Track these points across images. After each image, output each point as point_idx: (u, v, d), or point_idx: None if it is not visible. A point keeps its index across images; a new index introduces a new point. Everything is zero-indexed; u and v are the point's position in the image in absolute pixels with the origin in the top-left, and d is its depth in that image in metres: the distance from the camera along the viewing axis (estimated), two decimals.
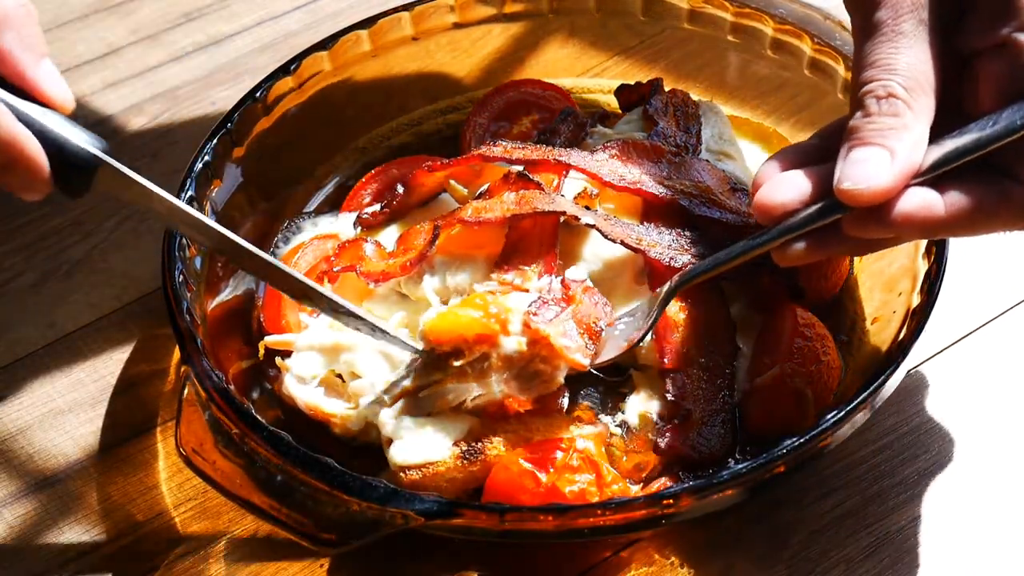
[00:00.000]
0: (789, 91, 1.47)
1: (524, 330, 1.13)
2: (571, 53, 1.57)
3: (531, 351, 1.13)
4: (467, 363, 1.12)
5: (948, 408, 1.26)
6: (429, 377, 1.14)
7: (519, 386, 1.14)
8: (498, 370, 1.13)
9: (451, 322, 1.13)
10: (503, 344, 1.12)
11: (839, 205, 1.01)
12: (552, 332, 1.13)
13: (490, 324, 1.12)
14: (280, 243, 1.39)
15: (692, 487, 1.04)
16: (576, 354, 1.14)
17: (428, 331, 1.13)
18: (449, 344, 1.12)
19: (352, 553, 1.16)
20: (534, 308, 1.14)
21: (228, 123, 1.34)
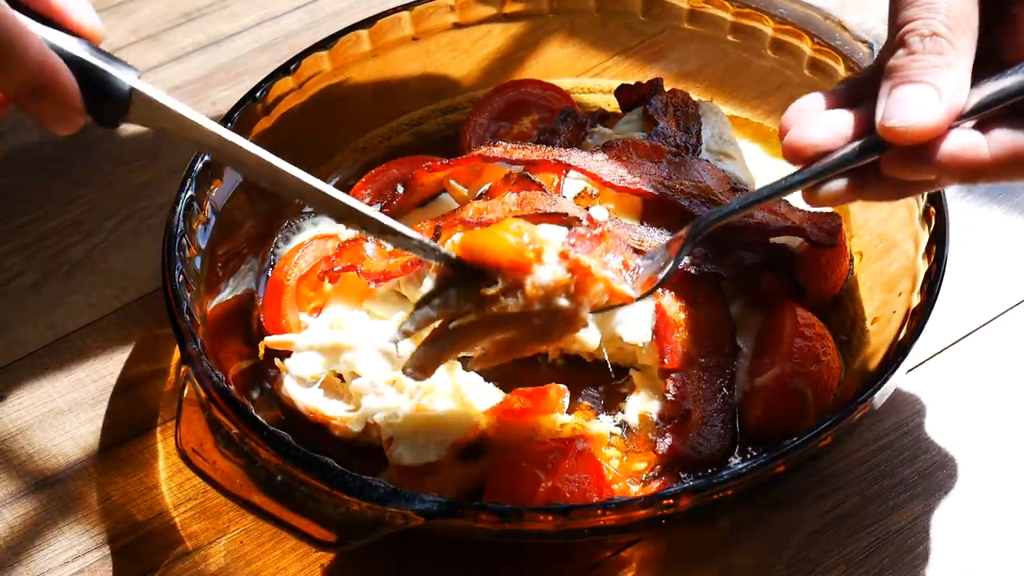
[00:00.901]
0: (789, 91, 1.46)
1: (561, 260, 1.07)
2: (571, 53, 1.58)
3: (567, 282, 1.06)
4: (499, 291, 1.06)
5: (948, 408, 1.26)
6: (460, 307, 1.07)
7: (541, 326, 1.08)
8: (528, 302, 1.06)
9: (487, 241, 1.07)
10: (538, 273, 1.06)
11: (878, 145, 0.99)
12: (593, 263, 1.08)
13: (525, 252, 1.06)
14: (280, 243, 1.39)
15: (692, 487, 1.04)
16: (623, 285, 1.09)
17: (464, 243, 1.07)
18: (481, 262, 1.06)
19: (352, 553, 1.16)
20: (572, 240, 1.09)
21: (228, 123, 1.34)
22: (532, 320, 1.07)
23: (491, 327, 1.08)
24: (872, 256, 1.33)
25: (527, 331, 1.08)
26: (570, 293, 1.07)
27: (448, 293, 1.07)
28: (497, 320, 1.07)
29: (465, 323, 1.08)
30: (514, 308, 1.06)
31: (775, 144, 1.46)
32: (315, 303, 1.31)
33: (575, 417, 1.21)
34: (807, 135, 1.02)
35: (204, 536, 1.19)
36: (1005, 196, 1.45)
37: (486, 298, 1.06)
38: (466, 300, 1.07)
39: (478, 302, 1.06)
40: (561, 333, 1.09)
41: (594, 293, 1.08)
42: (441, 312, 1.08)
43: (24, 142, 1.61)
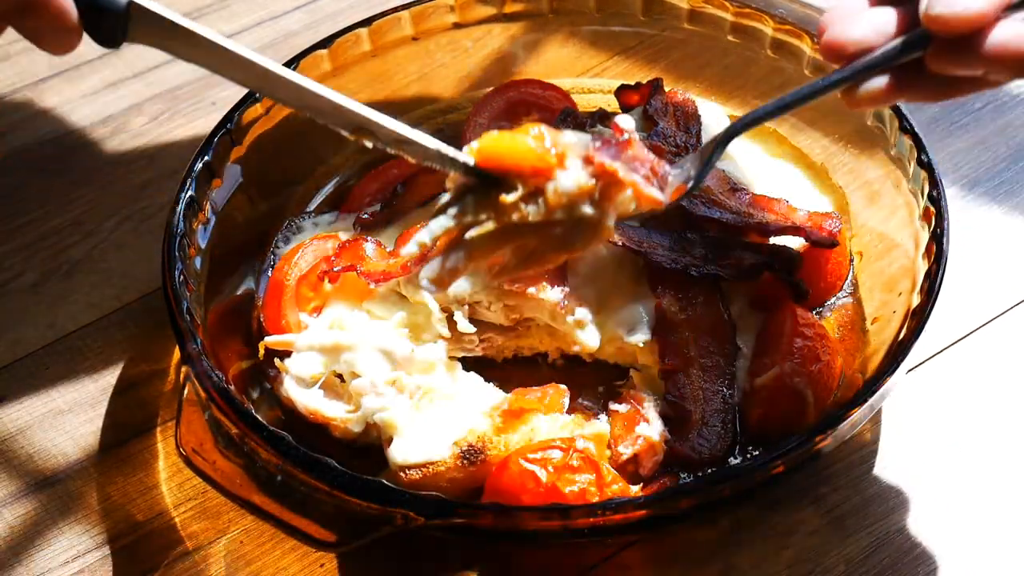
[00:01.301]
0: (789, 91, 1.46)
1: (586, 165, 1.01)
2: (571, 53, 1.57)
3: (591, 188, 1.00)
4: (519, 198, 1.00)
5: (948, 408, 1.26)
6: (477, 215, 1.01)
7: (563, 235, 1.02)
8: (549, 210, 1.00)
9: (508, 145, 1.01)
10: (560, 179, 1.00)
11: (922, 39, 0.95)
12: (620, 167, 1.02)
13: (547, 156, 1.00)
14: (280, 243, 1.39)
15: (692, 487, 1.04)
16: (652, 189, 1.03)
17: (482, 148, 1.01)
18: (500, 168, 1.00)
19: (352, 553, 1.16)
20: (597, 144, 1.02)
21: (228, 123, 1.34)
22: (554, 229, 1.02)
23: (510, 236, 1.02)
24: (872, 256, 1.33)
25: (548, 240, 1.03)
26: (595, 200, 1.01)
27: (465, 200, 1.02)
28: (517, 229, 1.02)
29: (483, 232, 1.02)
30: (535, 216, 1.00)
31: (775, 144, 1.46)
32: (315, 303, 1.31)
33: (575, 417, 1.21)
34: (847, 32, 0.98)
35: (204, 536, 1.19)
36: (1005, 196, 1.45)
37: (505, 205, 1.00)
38: (484, 208, 1.01)
39: (497, 210, 1.01)
40: (585, 242, 1.03)
41: (621, 200, 1.02)
42: (458, 221, 1.02)
43: (24, 142, 1.61)
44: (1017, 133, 1.51)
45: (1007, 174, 1.47)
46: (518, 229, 1.02)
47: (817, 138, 1.44)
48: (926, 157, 1.26)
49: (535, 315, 1.26)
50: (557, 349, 1.29)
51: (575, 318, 1.24)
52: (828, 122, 1.43)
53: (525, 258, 1.05)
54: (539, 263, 1.06)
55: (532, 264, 1.06)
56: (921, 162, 1.26)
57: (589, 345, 1.25)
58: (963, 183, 1.47)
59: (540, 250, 1.04)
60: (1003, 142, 1.51)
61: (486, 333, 1.28)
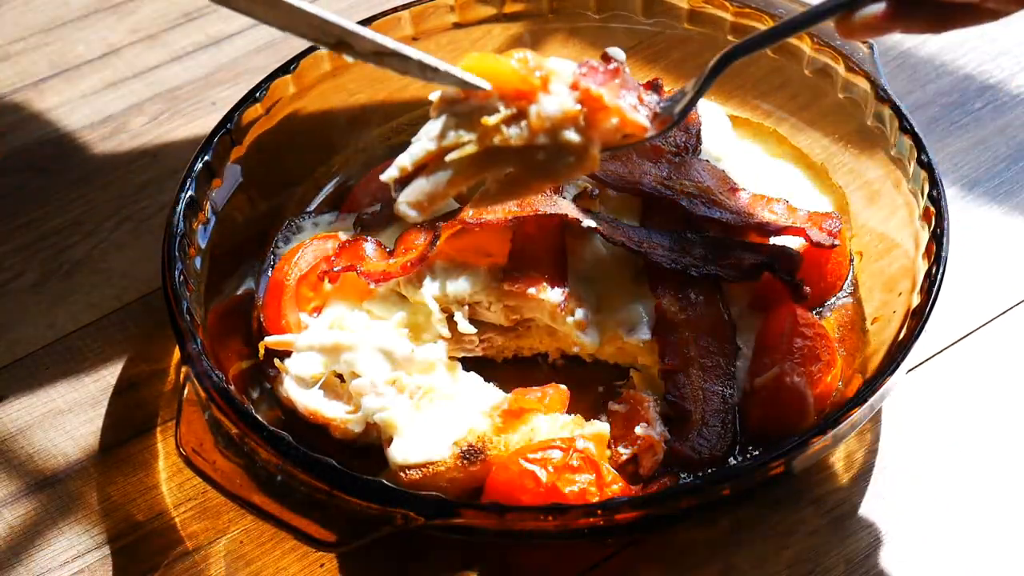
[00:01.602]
0: (789, 91, 1.47)
1: (571, 90, 1.00)
2: (571, 53, 1.57)
3: (576, 114, 0.99)
4: (501, 120, 0.99)
5: (948, 408, 1.26)
6: (458, 137, 1.00)
7: (546, 162, 1.01)
8: (532, 134, 0.99)
9: (491, 65, 0.99)
10: (543, 103, 0.99)
11: None
12: (605, 93, 1.00)
13: (531, 78, 0.98)
14: (280, 243, 1.39)
15: (692, 487, 1.04)
16: (637, 115, 1.02)
17: (466, 67, 0.99)
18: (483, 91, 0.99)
19: (352, 553, 1.16)
20: (583, 70, 1.01)
21: (228, 123, 1.34)
22: (537, 154, 1.00)
23: (491, 160, 1.01)
24: (872, 256, 1.33)
25: (531, 167, 1.01)
26: (579, 126, 1.00)
27: (447, 122, 1.00)
28: (499, 153, 1.00)
29: (464, 155, 1.00)
30: (517, 140, 0.99)
31: (775, 144, 1.46)
32: (315, 303, 1.31)
33: (575, 417, 1.21)
34: None
35: (204, 536, 1.19)
36: (1005, 196, 1.45)
37: (486, 128, 0.99)
38: (465, 130, 1.00)
39: (478, 132, 0.99)
40: (570, 171, 1.02)
41: (606, 128, 1.01)
42: (439, 143, 1.01)
43: (24, 142, 1.61)
44: (1017, 133, 1.51)
45: (1007, 174, 1.47)
46: (500, 153, 1.00)
47: (817, 138, 1.44)
48: (926, 157, 1.26)
49: (535, 315, 1.26)
50: (557, 349, 1.29)
51: (575, 318, 1.24)
52: (828, 122, 1.43)
53: (507, 184, 1.03)
54: (522, 190, 1.05)
55: (515, 192, 1.04)
56: (921, 162, 1.26)
57: (589, 345, 1.25)
58: (963, 183, 1.47)
59: (523, 177, 1.03)
60: (1003, 142, 1.51)
61: (486, 333, 1.28)
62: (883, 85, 1.34)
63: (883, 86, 1.34)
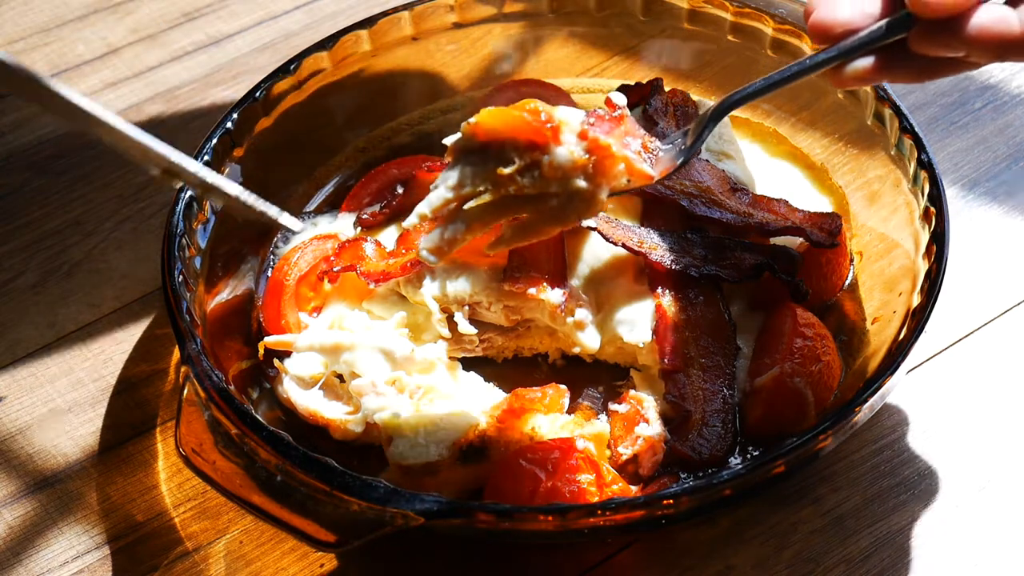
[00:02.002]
0: (789, 91, 1.46)
1: (580, 140, 1.05)
2: (571, 53, 1.57)
3: (585, 162, 1.05)
4: (516, 170, 1.05)
5: (948, 408, 1.26)
6: (474, 187, 1.06)
7: (558, 207, 1.07)
8: (545, 182, 1.05)
9: (504, 118, 1.05)
10: (555, 153, 1.05)
11: (906, 21, 0.98)
12: (613, 143, 1.06)
13: (543, 130, 1.04)
14: (280, 243, 1.39)
15: (692, 487, 1.04)
16: (643, 164, 1.08)
17: (480, 122, 1.05)
18: (498, 141, 1.05)
19: (352, 553, 1.16)
20: (591, 120, 1.07)
21: (228, 123, 1.34)
22: (549, 201, 1.06)
23: (507, 208, 1.07)
24: (872, 256, 1.33)
25: (544, 212, 1.08)
26: (588, 174, 1.06)
27: (464, 172, 1.06)
28: (513, 201, 1.06)
29: (480, 204, 1.06)
30: (531, 188, 1.05)
31: (775, 144, 1.46)
32: (315, 303, 1.31)
33: (575, 417, 1.21)
34: (834, 13, 1.01)
35: (204, 536, 1.19)
36: (1005, 196, 1.45)
37: (502, 178, 1.05)
38: (482, 180, 1.06)
39: (494, 182, 1.05)
40: (579, 215, 1.08)
41: (613, 174, 1.07)
42: (456, 192, 1.06)
43: (24, 142, 1.61)
44: (1017, 133, 1.51)
45: (1007, 174, 1.47)
46: (514, 201, 1.06)
47: (817, 138, 1.44)
48: (926, 157, 1.26)
49: (535, 316, 1.26)
50: (557, 349, 1.29)
51: (575, 319, 1.24)
52: (828, 122, 1.43)
53: (520, 230, 1.09)
54: (534, 235, 1.10)
55: (527, 236, 1.10)
56: (921, 162, 1.26)
57: (589, 346, 1.25)
58: (963, 183, 1.47)
59: (535, 222, 1.09)
60: (1003, 142, 1.51)
61: (486, 334, 1.28)
62: (883, 85, 1.34)
63: (883, 86, 1.34)
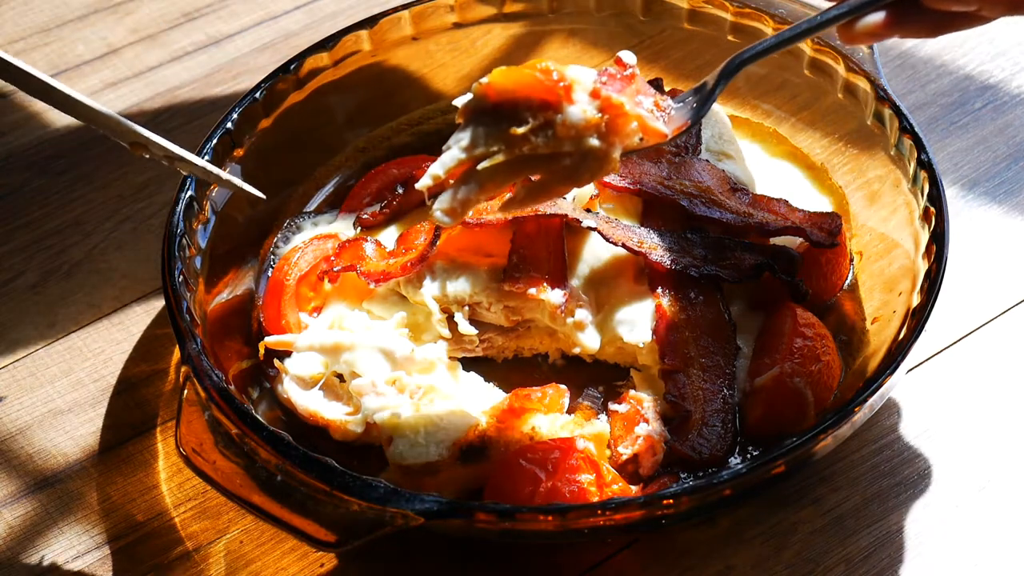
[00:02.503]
0: (789, 91, 1.47)
1: (592, 98, 1.04)
2: (571, 53, 1.57)
3: (598, 121, 1.04)
4: (529, 130, 1.04)
5: (948, 408, 1.26)
6: (487, 147, 1.05)
7: (571, 167, 1.06)
8: (558, 142, 1.04)
9: (517, 77, 1.04)
10: (568, 112, 1.04)
11: None
12: (626, 100, 1.05)
13: (556, 88, 1.03)
14: (280, 243, 1.39)
15: (692, 487, 1.04)
16: (656, 122, 1.07)
17: (492, 82, 1.04)
18: (510, 101, 1.04)
19: (352, 553, 1.16)
20: (603, 78, 1.06)
21: (228, 123, 1.34)
22: (562, 161, 1.06)
23: (520, 168, 1.06)
24: (872, 256, 1.33)
25: (557, 172, 1.07)
26: (601, 132, 1.05)
27: (477, 132, 1.05)
28: (526, 161, 1.05)
29: (493, 164, 1.05)
30: (544, 148, 1.04)
31: (775, 144, 1.46)
32: (315, 303, 1.31)
33: (575, 417, 1.21)
34: None
35: (204, 536, 1.19)
36: (1005, 196, 1.45)
37: (515, 138, 1.04)
38: (495, 140, 1.05)
39: (507, 142, 1.04)
40: (592, 174, 1.07)
41: (626, 132, 1.06)
42: (469, 153, 1.05)
43: (24, 142, 1.61)
44: (1017, 133, 1.51)
45: (1007, 174, 1.47)
46: (528, 161, 1.05)
47: (817, 138, 1.44)
48: (926, 157, 1.26)
49: (535, 316, 1.26)
50: (557, 350, 1.29)
51: (575, 319, 1.24)
52: (828, 122, 1.43)
53: (534, 190, 1.08)
54: (547, 195, 1.10)
55: (540, 196, 1.09)
56: (921, 162, 1.26)
57: (589, 347, 1.25)
58: (963, 183, 1.46)
59: (549, 182, 1.08)
60: (1003, 142, 1.51)
61: (486, 334, 1.28)
62: (883, 85, 1.34)
63: (883, 86, 1.34)
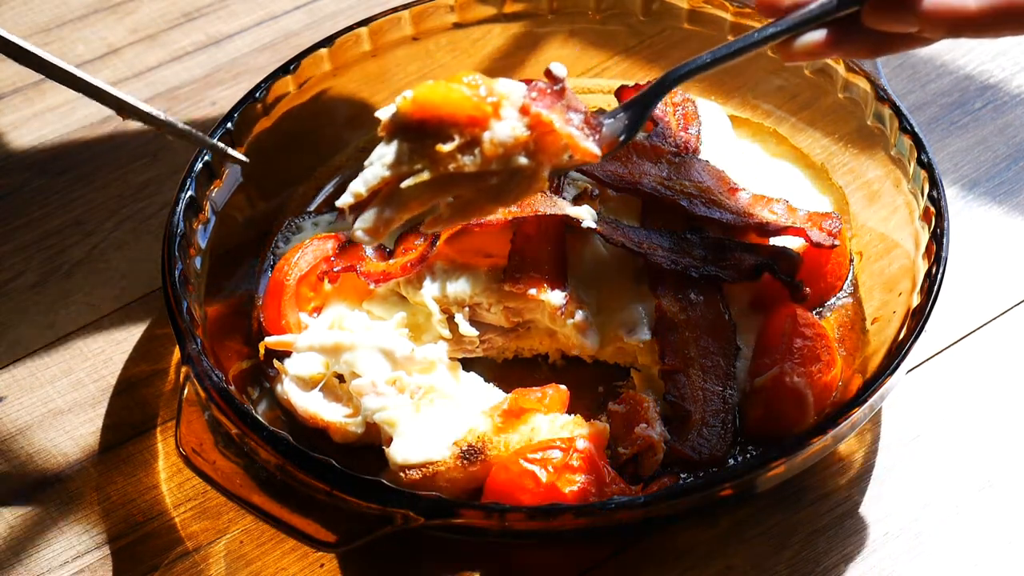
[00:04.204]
0: (789, 91, 1.47)
1: (521, 115, 1.01)
2: (571, 53, 1.57)
3: (527, 139, 1.01)
4: (455, 148, 1.00)
5: (948, 408, 1.26)
6: (411, 164, 1.01)
7: (498, 186, 1.03)
8: (485, 160, 1.00)
9: (442, 92, 1.00)
10: (496, 129, 1.00)
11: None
12: (556, 118, 1.02)
13: (483, 104, 1.00)
14: (280, 243, 1.39)
15: (692, 487, 1.04)
16: (587, 142, 1.03)
17: (417, 97, 1.00)
18: (436, 117, 1.00)
19: (352, 553, 1.16)
20: (532, 94, 1.02)
21: (228, 123, 1.34)
22: (489, 179, 1.02)
23: (445, 186, 1.02)
24: (872, 256, 1.33)
25: (484, 191, 1.03)
26: (530, 151, 1.01)
27: (401, 149, 1.01)
28: (452, 179, 1.02)
29: (418, 182, 1.01)
30: (470, 166, 1.01)
31: (775, 144, 1.46)
32: (315, 303, 1.31)
33: (575, 417, 1.20)
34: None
35: (204, 536, 1.19)
36: (1005, 196, 1.45)
37: (441, 155, 1.00)
38: (419, 157, 1.01)
39: (432, 160, 1.00)
40: (520, 193, 1.04)
41: (555, 151, 1.02)
42: (394, 170, 1.02)
43: (24, 142, 1.61)
44: (1017, 133, 1.51)
45: (1007, 174, 1.47)
46: (453, 179, 1.02)
47: (817, 138, 1.44)
48: (926, 157, 1.26)
49: (535, 317, 1.26)
50: (557, 350, 1.29)
51: (575, 320, 1.24)
52: (828, 122, 1.43)
53: (460, 208, 1.05)
54: (474, 214, 1.06)
55: (467, 215, 1.06)
56: (921, 162, 1.26)
57: (589, 347, 1.25)
58: (963, 183, 1.47)
59: (475, 200, 1.04)
60: (1003, 142, 1.51)
61: (486, 334, 1.28)
62: (883, 85, 1.34)
63: (883, 86, 1.34)
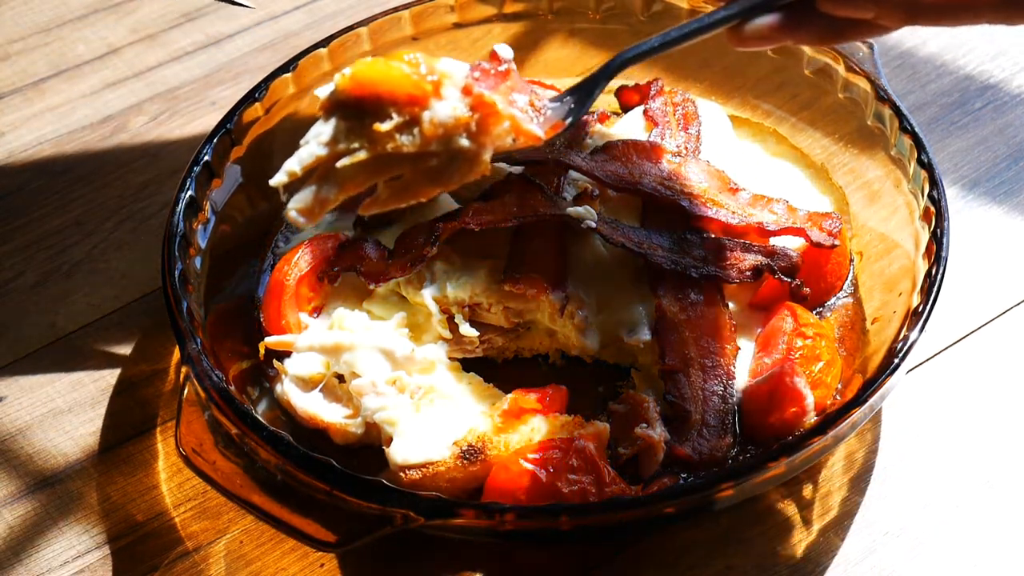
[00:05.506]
0: (789, 91, 1.47)
1: (463, 95, 0.98)
2: (571, 53, 1.57)
3: (468, 120, 0.98)
4: (393, 127, 0.97)
5: (948, 408, 1.26)
6: (348, 143, 0.99)
7: (438, 167, 1.00)
8: (425, 140, 0.98)
9: (381, 70, 0.97)
10: (436, 109, 0.98)
11: None
12: (499, 99, 0.99)
13: (423, 83, 0.97)
14: (280, 243, 1.39)
15: (692, 487, 1.04)
16: (530, 124, 1.01)
17: (356, 75, 0.97)
18: (374, 95, 0.97)
19: (352, 553, 1.16)
20: (475, 73, 1.00)
21: (228, 123, 1.34)
22: (429, 160, 1.00)
23: (383, 167, 1.00)
24: (872, 256, 1.33)
25: (423, 172, 1.01)
26: (472, 132, 0.99)
27: (338, 127, 0.99)
28: (390, 159, 0.99)
29: (355, 161, 0.99)
30: (409, 147, 0.98)
31: (775, 144, 1.46)
32: (315, 303, 1.31)
33: (575, 417, 1.20)
34: None
35: (204, 536, 1.19)
36: (1005, 196, 1.45)
37: (378, 134, 0.97)
38: (356, 136, 0.99)
39: (370, 139, 0.98)
40: (461, 176, 1.02)
41: (498, 133, 1.00)
42: (330, 149, 0.99)
43: (24, 142, 1.61)
44: (1017, 133, 1.51)
45: (1007, 174, 1.47)
46: (391, 160, 0.99)
47: (817, 138, 1.44)
48: (926, 157, 1.26)
49: (535, 317, 1.26)
50: (557, 350, 1.29)
51: (575, 320, 1.24)
52: (828, 122, 1.43)
53: (398, 190, 1.03)
54: (412, 196, 1.04)
55: (406, 197, 1.04)
56: (921, 162, 1.26)
57: (589, 347, 1.25)
58: (963, 183, 1.47)
59: (414, 182, 1.02)
60: (1003, 142, 1.51)
61: (486, 334, 1.28)
62: (883, 85, 1.34)
63: (883, 86, 1.34)
